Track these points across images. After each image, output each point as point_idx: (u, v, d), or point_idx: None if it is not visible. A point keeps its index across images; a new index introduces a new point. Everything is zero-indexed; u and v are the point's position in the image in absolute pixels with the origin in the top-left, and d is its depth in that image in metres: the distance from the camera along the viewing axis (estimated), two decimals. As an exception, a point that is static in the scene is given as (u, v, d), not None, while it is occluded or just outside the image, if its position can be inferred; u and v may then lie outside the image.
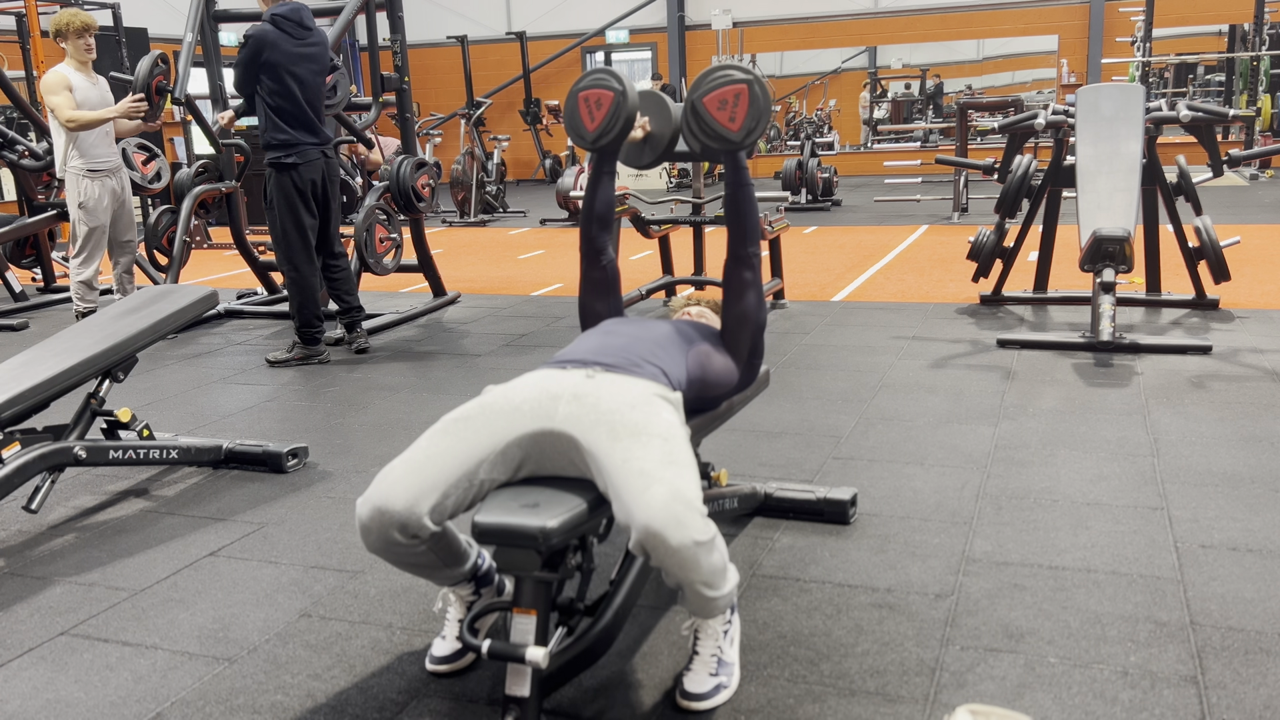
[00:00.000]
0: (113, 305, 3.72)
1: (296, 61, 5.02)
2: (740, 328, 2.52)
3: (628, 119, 2.58)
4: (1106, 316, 4.86)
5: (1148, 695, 2.07)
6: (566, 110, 2.64)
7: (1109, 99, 5.52)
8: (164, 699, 2.20)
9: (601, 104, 2.58)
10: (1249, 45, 13.90)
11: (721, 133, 2.46)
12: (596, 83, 2.59)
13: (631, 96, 2.58)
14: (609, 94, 2.57)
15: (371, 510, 2.00)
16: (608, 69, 2.61)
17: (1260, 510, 2.97)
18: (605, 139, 2.60)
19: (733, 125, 2.44)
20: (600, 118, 2.59)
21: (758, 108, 2.42)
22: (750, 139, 2.46)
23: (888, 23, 16.32)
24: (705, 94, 2.45)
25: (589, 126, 2.61)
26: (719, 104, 2.44)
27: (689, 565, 1.90)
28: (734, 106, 2.42)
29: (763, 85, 2.43)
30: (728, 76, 2.43)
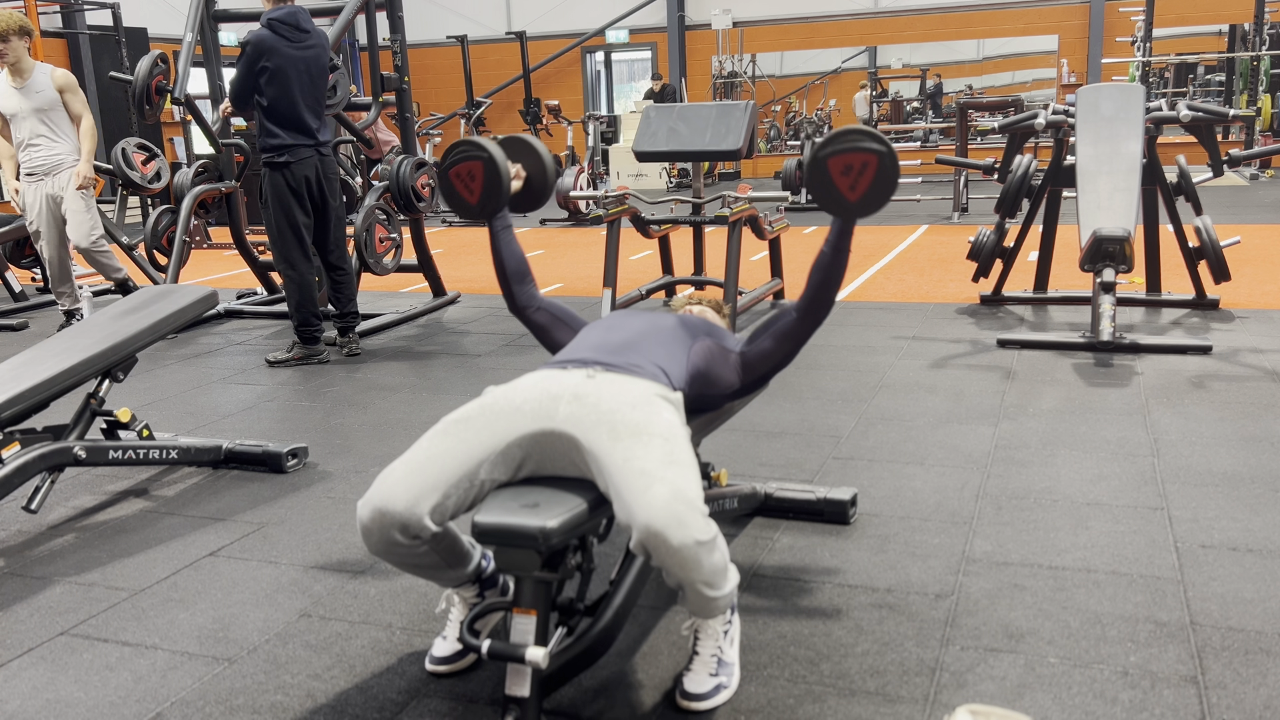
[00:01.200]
0: (113, 305, 3.72)
1: (293, 65, 5.02)
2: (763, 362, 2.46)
3: (505, 177, 2.57)
4: (1107, 316, 4.86)
5: (1148, 695, 2.07)
6: (444, 194, 2.63)
7: (1109, 99, 5.52)
8: (164, 699, 2.20)
9: (474, 175, 2.57)
10: (1249, 45, 13.90)
11: (838, 198, 2.32)
12: (461, 157, 2.57)
13: (496, 156, 2.56)
14: (477, 163, 2.56)
15: (372, 511, 2.00)
16: (466, 140, 2.59)
17: (1260, 510, 2.97)
18: (492, 204, 2.59)
19: (851, 194, 2.31)
20: (478, 188, 2.57)
21: (883, 184, 2.28)
22: (865, 213, 2.32)
23: (888, 23, 16.32)
24: (833, 154, 2.31)
25: (473, 200, 2.59)
26: (843, 169, 2.30)
27: (690, 565, 1.90)
28: (858, 175, 2.29)
29: (894, 159, 2.28)
30: (859, 145, 2.28)
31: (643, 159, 5.84)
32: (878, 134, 2.30)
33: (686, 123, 5.67)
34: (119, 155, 6.85)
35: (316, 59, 5.14)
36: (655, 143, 5.70)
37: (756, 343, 2.47)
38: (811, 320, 2.41)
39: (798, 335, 2.43)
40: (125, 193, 7.70)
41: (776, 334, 2.44)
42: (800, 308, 2.41)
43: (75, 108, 5.82)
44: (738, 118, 5.58)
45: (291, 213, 5.10)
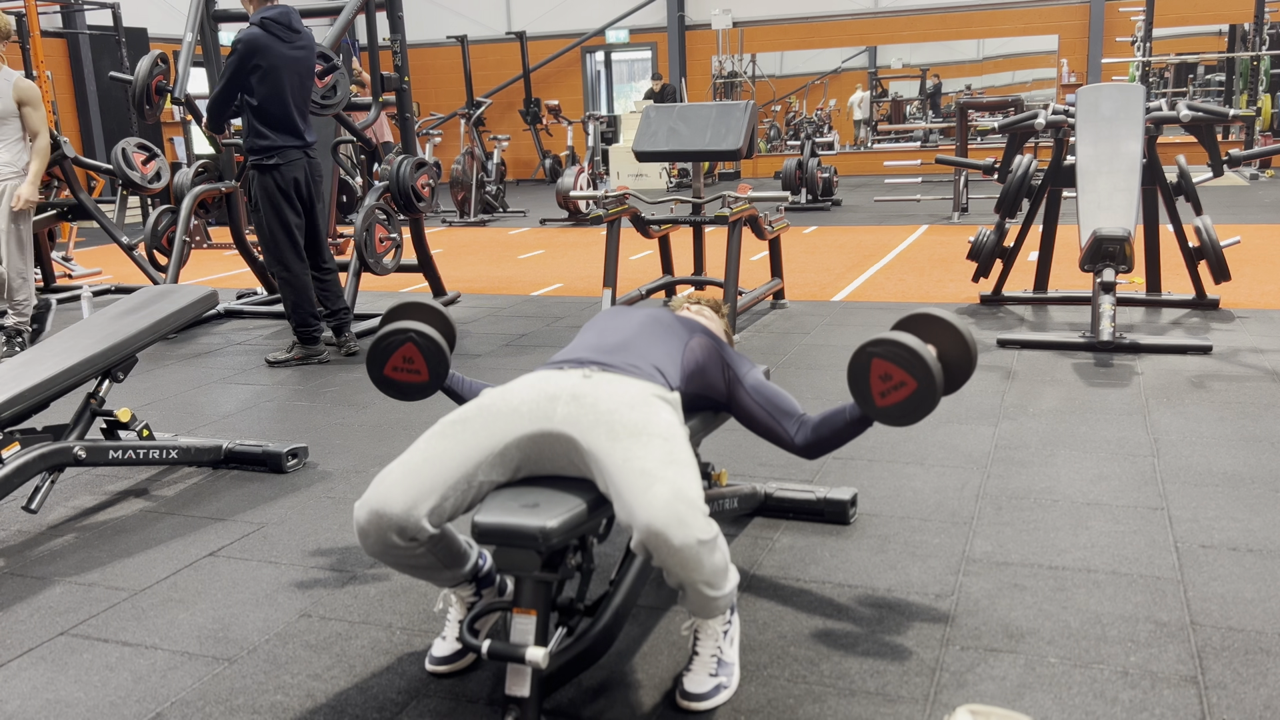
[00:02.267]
0: (113, 305, 3.72)
1: (286, 64, 4.98)
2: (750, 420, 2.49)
3: (441, 342, 2.54)
4: (1107, 316, 4.86)
5: (1148, 695, 2.07)
6: (391, 392, 2.59)
7: (1109, 99, 5.52)
8: (164, 699, 2.20)
9: (412, 358, 2.55)
10: (1249, 45, 13.90)
11: (866, 396, 2.27)
12: (391, 346, 2.54)
13: (419, 327, 2.53)
14: (409, 345, 2.53)
15: (369, 514, 2.00)
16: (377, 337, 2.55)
17: (1260, 510, 2.97)
18: (443, 369, 2.56)
19: (880, 400, 2.25)
20: (422, 364, 2.55)
21: (912, 409, 2.22)
22: (885, 422, 2.27)
23: (888, 23, 16.32)
24: (880, 355, 2.23)
25: (423, 378, 2.56)
26: (882, 374, 2.23)
27: (691, 564, 1.90)
28: (893, 389, 2.23)
29: (935, 394, 2.20)
30: (910, 366, 2.20)
31: (643, 159, 5.84)
32: (931, 362, 2.20)
33: (686, 123, 5.68)
34: (119, 155, 6.85)
35: (305, 60, 5.11)
36: (655, 143, 5.70)
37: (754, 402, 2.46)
38: (803, 455, 2.46)
39: (783, 446, 2.47)
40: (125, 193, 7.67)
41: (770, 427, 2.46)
42: (802, 439, 2.42)
43: (33, 123, 5.41)
44: (738, 118, 5.58)
45: (284, 214, 5.08)
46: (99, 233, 9.74)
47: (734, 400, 2.48)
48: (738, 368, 2.48)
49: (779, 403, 2.47)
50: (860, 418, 2.34)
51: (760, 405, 2.46)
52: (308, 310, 5.21)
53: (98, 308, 6.18)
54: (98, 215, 7.21)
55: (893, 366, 2.22)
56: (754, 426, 2.49)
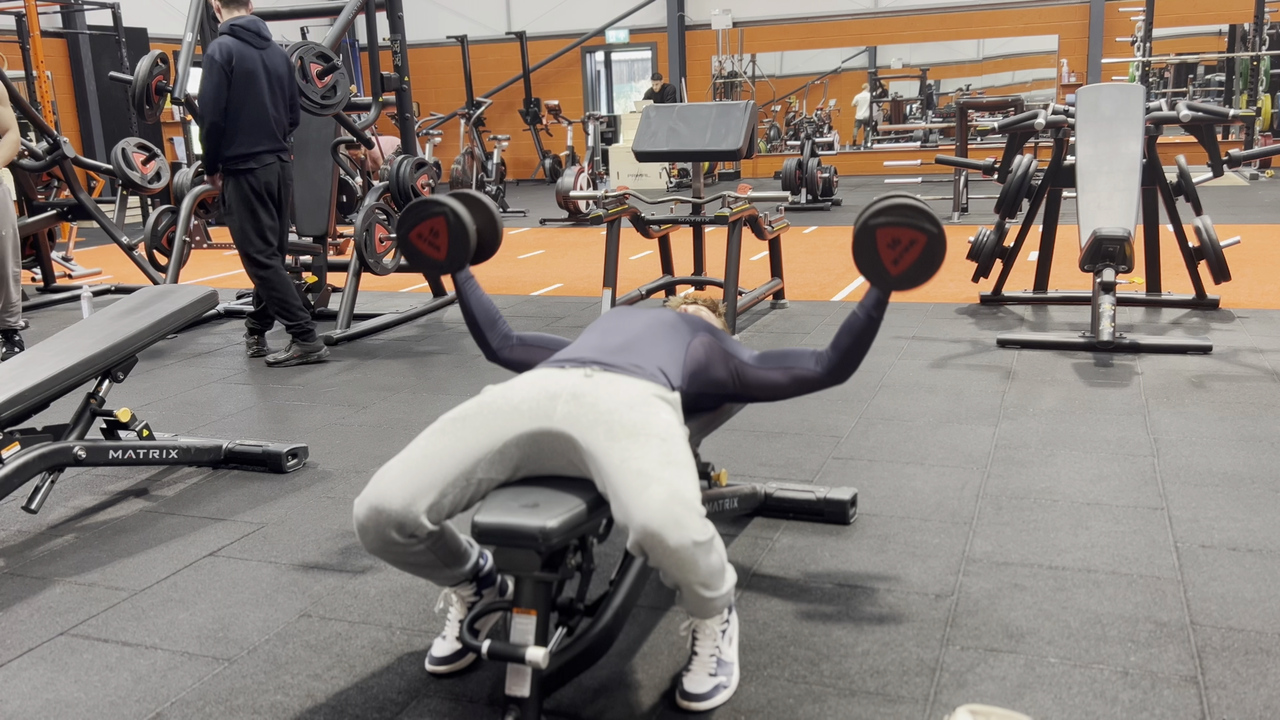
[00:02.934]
0: (113, 305, 3.72)
1: (260, 70, 5.01)
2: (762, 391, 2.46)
3: (469, 227, 2.53)
4: (1106, 316, 4.86)
5: (1148, 695, 2.07)
6: (408, 256, 2.59)
7: (1109, 99, 5.52)
8: (164, 699, 2.20)
9: (438, 232, 2.54)
10: (1249, 45, 13.90)
11: (880, 269, 2.27)
12: (421, 216, 2.53)
13: (459, 208, 2.53)
14: (439, 219, 2.52)
15: (368, 510, 2.00)
16: (419, 201, 2.55)
17: (1260, 510, 2.97)
18: (460, 257, 2.55)
19: (893, 268, 2.26)
20: (444, 244, 2.54)
21: (928, 263, 2.23)
22: (904, 287, 2.27)
23: (888, 23, 16.32)
24: (883, 225, 2.25)
25: (440, 256, 2.55)
26: (890, 241, 2.25)
27: (687, 566, 1.90)
28: (904, 250, 2.24)
29: (944, 243, 2.22)
30: (914, 222, 2.23)
31: (643, 159, 5.83)
32: (931, 212, 2.24)
33: (686, 123, 5.68)
34: (119, 155, 6.85)
35: (278, 67, 5.15)
36: (655, 143, 5.70)
37: (767, 370, 2.44)
38: (833, 380, 2.41)
39: (812, 386, 2.42)
40: (125, 193, 7.67)
41: (792, 374, 2.42)
42: (825, 364, 2.39)
43: (4, 119, 5.31)
44: (738, 118, 5.58)
45: (258, 217, 5.12)
46: (99, 233, 9.74)
47: (747, 382, 2.45)
48: (739, 354, 2.48)
49: (789, 355, 2.45)
50: (875, 301, 2.31)
51: (774, 368, 2.43)
52: (294, 306, 5.22)
53: (98, 308, 6.18)
54: (98, 215, 7.22)
55: (898, 230, 2.24)
56: (780, 390, 2.44)
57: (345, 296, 5.97)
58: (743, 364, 2.45)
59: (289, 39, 7.83)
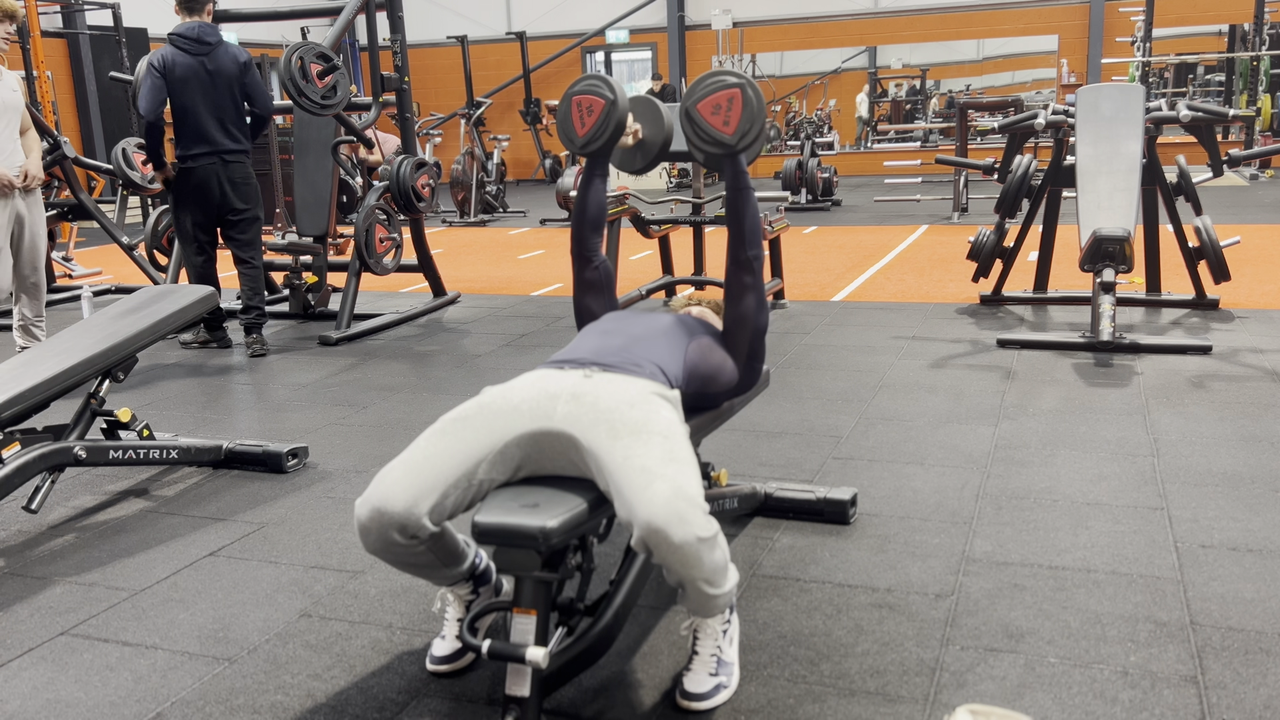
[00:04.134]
0: (113, 305, 3.72)
1: (195, 75, 5.30)
2: (739, 330, 2.51)
3: (618, 125, 2.61)
4: (1106, 316, 4.86)
5: (1148, 695, 2.07)
6: (560, 113, 2.67)
7: (1109, 99, 5.52)
8: (164, 699, 2.20)
9: (593, 110, 2.61)
10: (1249, 45, 13.90)
11: (717, 137, 2.47)
12: (590, 89, 2.62)
13: (622, 104, 2.60)
14: (601, 101, 2.60)
15: (370, 511, 2.00)
16: (602, 76, 2.64)
17: (1260, 510, 2.97)
18: (595, 144, 2.63)
19: (727, 129, 2.45)
20: (591, 123, 2.62)
21: (751, 110, 2.43)
22: (745, 142, 2.46)
23: (888, 23, 16.32)
24: (699, 100, 2.46)
25: (579, 131, 2.64)
26: (713, 109, 2.45)
27: (691, 562, 1.90)
28: (728, 111, 2.44)
29: (755, 88, 2.44)
30: (720, 81, 2.45)
31: (643, 159, 5.82)
32: (733, 70, 2.47)
33: (686, 123, 5.67)
34: (119, 155, 6.85)
35: (220, 70, 5.36)
36: (655, 143, 5.69)
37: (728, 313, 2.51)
38: (751, 257, 2.47)
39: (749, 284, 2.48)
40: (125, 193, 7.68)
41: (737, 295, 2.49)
42: (733, 254, 2.48)
43: (28, 119, 5.10)
44: (738, 118, 5.57)
45: (183, 215, 5.49)
46: (99, 233, 9.74)
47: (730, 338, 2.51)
48: (721, 345, 2.53)
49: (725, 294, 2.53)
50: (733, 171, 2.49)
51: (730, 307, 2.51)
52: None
53: (98, 308, 6.18)
54: (98, 215, 7.22)
55: (712, 97, 2.45)
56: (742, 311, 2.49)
57: (345, 296, 5.97)
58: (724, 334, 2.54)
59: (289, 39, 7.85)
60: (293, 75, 5.39)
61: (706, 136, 2.47)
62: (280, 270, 6.62)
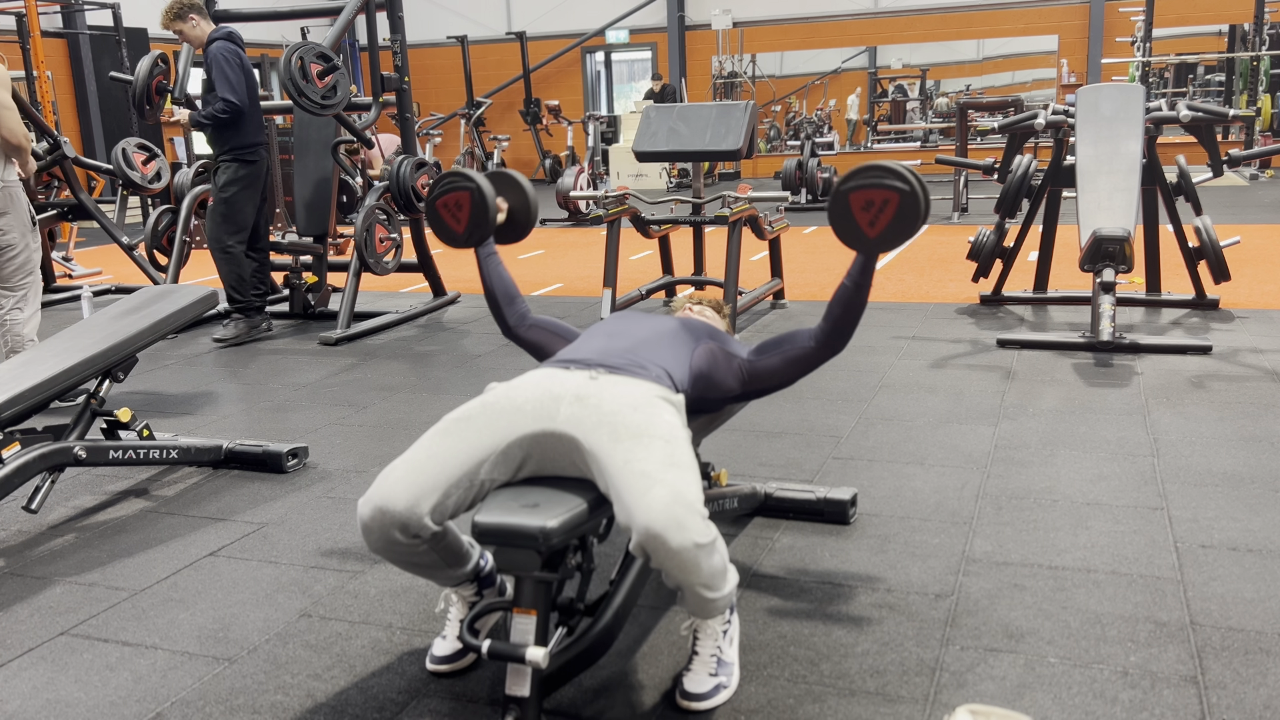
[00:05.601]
0: (113, 305, 3.72)
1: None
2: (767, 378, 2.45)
3: (491, 207, 2.61)
4: (1106, 316, 4.86)
5: (1148, 695, 2.07)
6: (431, 223, 2.68)
7: (1109, 99, 5.52)
8: (164, 699, 2.20)
9: (461, 204, 2.62)
10: (1249, 45, 13.90)
11: (857, 233, 2.29)
12: (449, 187, 2.62)
13: (485, 187, 2.61)
14: (464, 193, 2.61)
15: (373, 510, 2.00)
16: (454, 171, 2.63)
17: (1260, 510, 2.97)
18: (479, 232, 2.64)
19: (870, 230, 2.27)
20: (465, 217, 2.63)
21: (903, 222, 2.24)
22: (884, 249, 2.29)
23: (888, 23, 16.32)
24: (854, 189, 2.27)
25: (459, 229, 2.64)
26: (864, 204, 2.26)
27: (689, 567, 1.90)
28: (878, 212, 2.26)
29: (917, 199, 2.23)
30: (883, 181, 2.24)
31: (643, 159, 5.83)
32: (902, 171, 2.24)
33: (686, 123, 5.68)
34: (119, 155, 6.85)
35: None
36: (655, 143, 5.70)
37: (765, 358, 2.44)
38: (828, 352, 2.40)
39: (809, 363, 2.42)
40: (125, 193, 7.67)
41: (787, 357, 2.42)
42: (819, 338, 2.39)
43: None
44: (738, 118, 5.58)
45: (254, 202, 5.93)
46: (99, 233, 9.74)
47: (751, 377, 2.44)
48: (740, 353, 2.48)
49: (783, 338, 2.45)
50: (860, 267, 2.32)
51: (775, 355, 2.43)
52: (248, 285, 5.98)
53: (98, 308, 6.18)
54: (98, 215, 7.22)
55: (869, 192, 2.26)
56: (784, 375, 2.43)
57: (345, 296, 5.97)
58: (745, 361, 2.46)
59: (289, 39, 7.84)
60: (293, 75, 5.39)
61: (847, 226, 2.30)
62: (280, 270, 6.62)
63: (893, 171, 2.24)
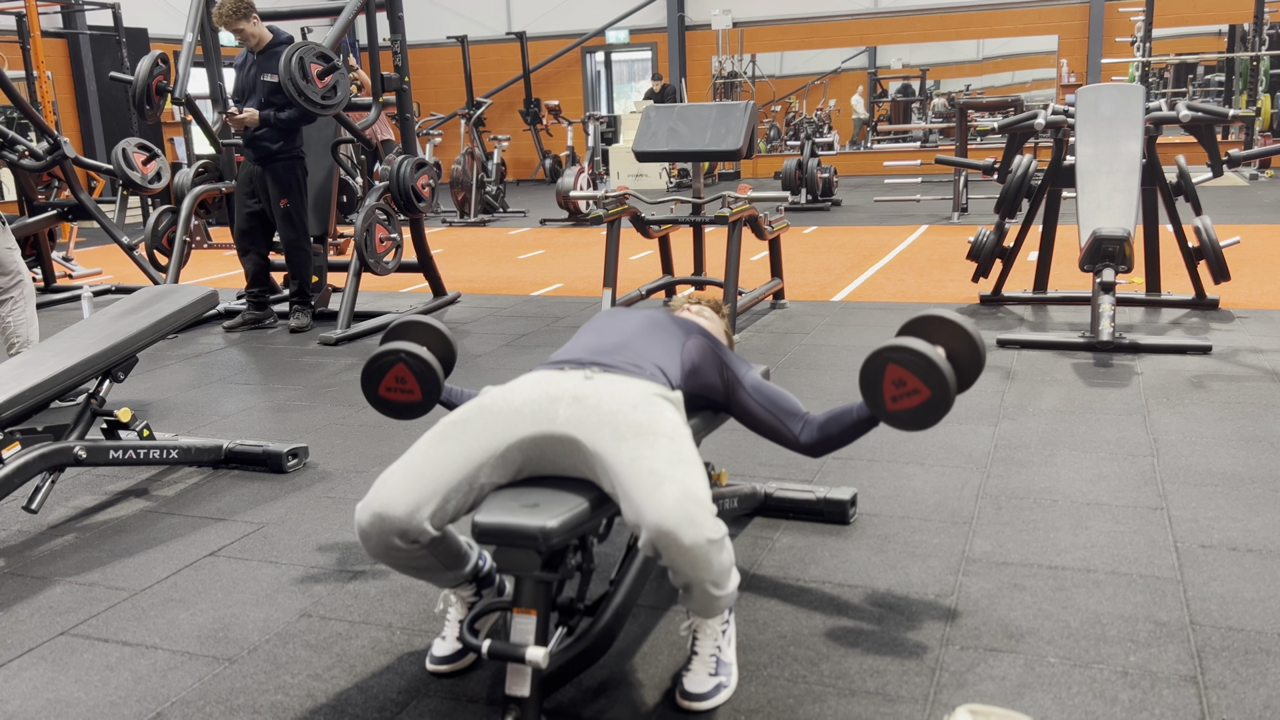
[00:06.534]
0: (113, 305, 3.72)
1: None
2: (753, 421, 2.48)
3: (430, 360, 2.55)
4: (1106, 316, 4.86)
5: (1148, 695, 2.07)
6: (385, 410, 2.61)
7: (1109, 99, 5.52)
8: (164, 699, 2.20)
9: (404, 378, 2.56)
10: (1249, 45, 13.89)
11: (877, 399, 2.26)
12: (381, 371, 2.55)
13: (409, 347, 2.54)
14: (399, 365, 2.54)
15: (371, 517, 2.00)
16: (370, 358, 2.57)
17: (1260, 510, 2.97)
18: (436, 390, 2.57)
19: (891, 404, 2.24)
20: (415, 384, 2.56)
21: (924, 416, 2.21)
22: (894, 425, 2.26)
23: (888, 23, 16.32)
24: (895, 361, 2.21)
25: (419, 397, 2.58)
26: (896, 379, 2.21)
27: (700, 564, 1.90)
28: (905, 395, 2.21)
29: (947, 404, 2.19)
30: (926, 370, 2.18)
31: (643, 159, 5.83)
32: (946, 371, 2.18)
33: (686, 123, 5.67)
34: (119, 155, 6.85)
35: None
36: (655, 143, 5.70)
37: (755, 403, 2.45)
38: (807, 453, 2.46)
39: (786, 445, 2.46)
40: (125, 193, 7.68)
41: (774, 427, 2.45)
42: (807, 436, 2.41)
43: None
44: (738, 118, 5.58)
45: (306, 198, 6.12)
46: (99, 233, 9.74)
47: (734, 400, 2.47)
48: (736, 369, 2.48)
49: (781, 403, 2.46)
50: (868, 418, 2.34)
51: (762, 405, 2.45)
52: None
53: (98, 308, 6.18)
54: (98, 215, 7.22)
55: (907, 373, 2.21)
56: (756, 426, 2.48)
57: (345, 296, 5.97)
58: (737, 381, 2.47)
59: (289, 39, 7.78)
60: (292, 75, 5.39)
61: (871, 387, 2.25)
62: (281, 270, 6.62)
63: (938, 370, 2.18)
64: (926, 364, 2.19)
